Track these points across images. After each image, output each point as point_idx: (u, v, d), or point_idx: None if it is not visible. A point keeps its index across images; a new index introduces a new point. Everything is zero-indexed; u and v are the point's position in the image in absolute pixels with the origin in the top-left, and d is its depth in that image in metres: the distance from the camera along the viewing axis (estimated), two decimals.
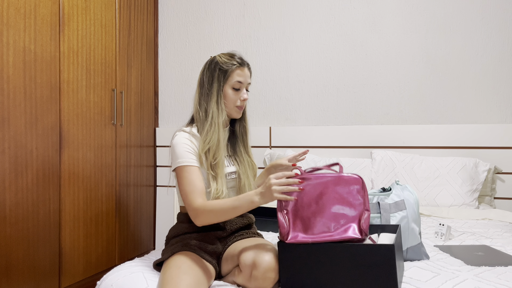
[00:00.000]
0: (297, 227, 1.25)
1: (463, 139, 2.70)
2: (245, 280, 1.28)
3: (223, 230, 1.51)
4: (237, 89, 1.53)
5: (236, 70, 1.52)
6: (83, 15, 2.43)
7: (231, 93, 1.53)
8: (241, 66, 1.53)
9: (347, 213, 1.24)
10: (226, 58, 1.53)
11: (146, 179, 3.12)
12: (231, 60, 1.53)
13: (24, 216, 2.05)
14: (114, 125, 2.71)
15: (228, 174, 1.54)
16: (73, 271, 2.36)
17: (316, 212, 1.25)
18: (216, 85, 1.52)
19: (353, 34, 2.94)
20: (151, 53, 3.21)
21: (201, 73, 1.58)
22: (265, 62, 3.12)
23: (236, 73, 1.52)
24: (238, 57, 1.55)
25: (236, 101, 1.54)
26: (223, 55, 1.55)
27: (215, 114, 1.50)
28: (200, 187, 1.39)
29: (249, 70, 1.57)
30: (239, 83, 1.53)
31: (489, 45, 2.71)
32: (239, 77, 1.52)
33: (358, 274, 1.15)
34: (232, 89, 1.53)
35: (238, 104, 1.54)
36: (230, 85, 1.52)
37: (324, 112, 3.00)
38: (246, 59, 1.58)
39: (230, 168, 1.56)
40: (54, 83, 2.23)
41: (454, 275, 1.29)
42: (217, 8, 3.22)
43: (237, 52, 1.58)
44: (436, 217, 2.28)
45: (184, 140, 1.46)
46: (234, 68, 1.52)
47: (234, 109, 1.55)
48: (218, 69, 1.53)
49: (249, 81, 1.57)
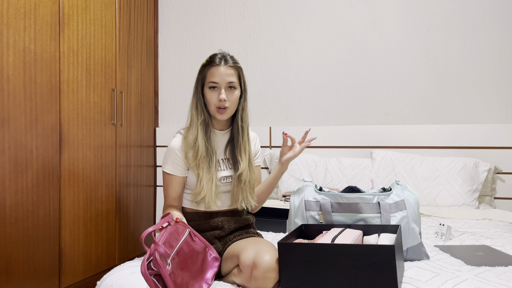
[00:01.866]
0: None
1: (463, 139, 2.70)
2: (245, 280, 1.28)
3: (221, 229, 1.52)
4: (214, 89, 1.52)
5: (210, 70, 1.52)
6: (83, 15, 2.43)
7: (209, 94, 1.53)
8: (216, 65, 1.51)
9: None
10: (207, 60, 1.55)
11: (146, 179, 3.12)
12: (208, 61, 1.54)
13: (24, 216, 2.05)
14: (114, 125, 2.71)
15: (223, 178, 1.55)
16: (73, 271, 2.35)
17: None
18: (197, 85, 1.56)
19: (353, 34, 2.94)
20: (151, 53, 3.21)
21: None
22: (265, 62, 3.12)
23: (209, 73, 1.52)
24: (218, 57, 1.53)
25: (215, 101, 1.52)
26: (208, 57, 1.57)
27: (194, 116, 1.54)
28: (170, 195, 1.54)
29: (231, 68, 1.52)
30: (213, 83, 1.52)
31: (489, 45, 2.71)
32: (212, 77, 1.52)
33: (358, 274, 1.15)
34: (209, 89, 1.52)
35: (217, 105, 1.51)
36: (207, 85, 1.53)
37: (324, 112, 3.00)
38: (227, 58, 1.53)
39: (225, 172, 1.56)
40: (54, 83, 2.23)
41: (454, 275, 1.29)
42: (217, 8, 3.22)
43: (220, 52, 1.56)
44: (436, 217, 2.28)
45: (176, 147, 1.53)
46: (208, 68, 1.53)
47: (215, 110, 1.53)
48: (199, 71, 1.56)
49: (227, 80, 1.51)
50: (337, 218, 1.49)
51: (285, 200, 2.62)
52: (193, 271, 1.27)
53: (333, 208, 1.49)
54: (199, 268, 1.30)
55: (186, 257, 1.26)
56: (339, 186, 2.64)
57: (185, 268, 1.24)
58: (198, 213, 1.57)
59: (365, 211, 1.47)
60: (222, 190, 1.55)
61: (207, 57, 1.58)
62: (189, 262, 1.27)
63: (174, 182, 1.53)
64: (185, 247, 1.28)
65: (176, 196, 1.54)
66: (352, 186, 1.58)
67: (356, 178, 2.65)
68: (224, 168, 1.56)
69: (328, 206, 1.49)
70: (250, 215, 1.64)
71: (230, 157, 1.59)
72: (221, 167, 1.56)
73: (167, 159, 1.54)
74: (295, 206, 1.53)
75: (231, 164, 1.58)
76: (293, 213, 1.53)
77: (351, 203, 1.49)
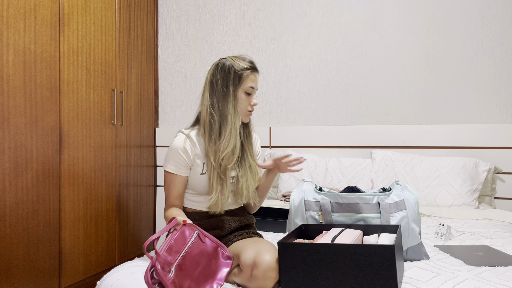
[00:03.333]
0: None
1: (463, 139, 2.70)
2: (245, 279, 1.28)
3: (222, 229, 1.52)
4: (249, 94, 1.55)
5: (250, 75, 1.54)
6: (83, 15, 2.43)
7: (244, 97, 1.54)
8: (254, 71, 1.56)
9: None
10: (240, 62, 1.54)
11: (146, 179, 3.12)
12: (245, 64, 1.54)
13: (24, 216, 2.05)
14: (114, 125, 2.71)
15: (231, 178, 1.56)
16: (73, 271, 2.35)
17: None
18: (232, 88, 1.52)
19: (353, 34, 2.94)
20: (151, 53, 3.21)
21: (212, 74, 1.56)
22: (265, 62, 3.12)
23: (250, 78, 1.54)
24: (250, 61, 1.56)
25: (247, 106, 1.55)
26: (235, 58, 1.56)
27: (233, 118, 1.51)
28: (172, 195, 1.54)
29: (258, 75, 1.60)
30: (251, 88, 1.55)
31: (489, 45, 2.71)
32: (252, 83, 1.55)
33: (358, 274, 1.15)
34: (245, 93, 1.54)
35: (249, 109, 1.56)
36: (243, 89, 1.54)
37: (324, 112, 3.00)
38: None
39: (233, 172, 1.57)
40: (54, 83, 2.23)
41: (454, 275, 1.29)
42: (217, 8, 3.22)
43: (248, 56, 1.59)
44: (436, 217, 2.28)
45: (180, 147, 1.51)
46: (249, 73, 1.54)
47: (245, 113, 1.56)
48: (233, 72, 1.52)
49: (257, 87, 1.60)
50: (337, 218, 1.49)
51: (285, 200, 2.62)
52: (204, 272, 1.27)
53: (333, 208, 1.49)
54: (211, 269, 1.30)
55: (194, 260, 1.27)
56: (339, 186, 2.64)
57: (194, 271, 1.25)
58: (199, 213, 1.57)
59: (365, 211, 1.48)
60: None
61: (234, 58, 1.55)
62: (198, 264, 1.28)
63: (176, 182, 1.53)
64: (194, 250, 1.28)
65: (178, 195, 1.55)
66: (352, 186, 1.58)
67: (356, 178, 2.65)
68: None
69: (328, 206, 1.49)
70: (250, 215, 1.65)
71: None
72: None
73: (169, 158, 1.53)
74: (295, 206, 1.53)
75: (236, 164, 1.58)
76: (293, 213, 1.53)
77: (351, 203, 1.49)
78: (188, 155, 1.52)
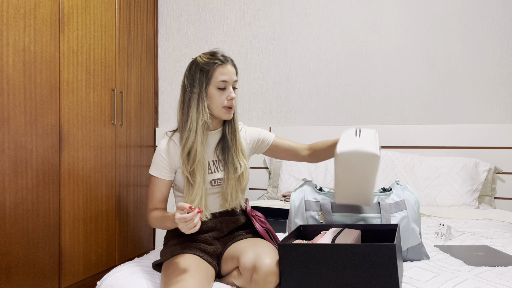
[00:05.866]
0: None
1: (463, 139, 2.70)
2: (245, 283, 1.28)
3: (219, 231, 1.50)
4: (223, 89, 1.45)
5: (218, 69, 1.44)
6: (83, 15, 2.43)
7: (216, 94, 1.45)
8: (223, 63, 1.45)
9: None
10: (206, 58, 1.46)
11: (146, 179, 3.12)
12: (212, 59, 1.44)
13: (24, 216, 2.05)
14: (114, 125, 2.70)
15: (214, 181, 1.49)
16: (73, 271, 2.35)
17: None
18: (198, 88, 1.45)
19: (353, 34, 2.94)
20: (151, 53, 3.21)
21: (184, 77, 1.51)
22: (265, 62, 3.12)
23: (218, 71, 1.44)
24: (220, 55, 1.46)
25: (223, 101, 1.45)
26: (203, 55, 1.48)
27: (193, 118, 1.43)
28: (157, 197, 1.49)
29: (233, 67, 1.48)
30: (223, 82, 1.44)
31: (489, 45, 2.71)
32: (222, 76, 1.44)
33: (359, 274, 1.15)
34: (217, 89, 1.45)
35: (226, 104, 1.46)
36: (214, 85, 1.44)
37: (324, 112, 3.00)
38: (228, 56, 1.49)
39: (217, 174, 1.50)
40: (54, 83, 2.23)
41: (454, 275, 1.29)
42: (217, 8, 3.22)
43: (219, 50, 1.49)
44: (436, 217, 2.28)
45: (162, 150, 1.48)
46: (216, 67, 1.44)
47: (222, 110, 1.46)
48: (199, 70, 1.45)
49: (235, 79, 1.47)
50: (337, 218, 1.48)
51: (285, 200, 2.62)
52: None
53: (333, 208, 1.49)
54: None
55: None
56: None
57: None
58: None
59: (365, 211, 1.47)
60: (212, 192, 1.50)
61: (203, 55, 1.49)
62: None
63: (161, 185, 1.48)
64: None
65: (162, 199, 1.50)
66: None
67: None
68: (214, 171, 1.50)
69: (328, 206, 1.49)
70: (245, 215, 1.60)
71: (221, 158, 1.52)
72: (212, 169, 1.50)
73: (153, 162, 1.49)
74: (295, 206, 1.53)
75: (222, 165, 1.52)
76: (293, 213, 1.53)
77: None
78: (171, 158, 1.47)
